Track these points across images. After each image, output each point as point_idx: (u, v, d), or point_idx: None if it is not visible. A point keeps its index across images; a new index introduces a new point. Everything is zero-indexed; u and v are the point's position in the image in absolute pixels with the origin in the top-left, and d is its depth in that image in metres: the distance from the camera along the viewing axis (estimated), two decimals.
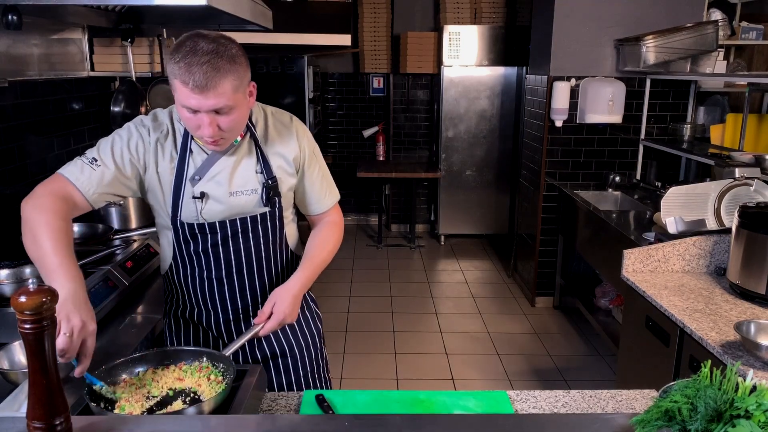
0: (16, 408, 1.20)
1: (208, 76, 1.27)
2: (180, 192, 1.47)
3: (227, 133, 1.38)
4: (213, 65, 1.27)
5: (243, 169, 1.49)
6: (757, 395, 0.94)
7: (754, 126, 3.90)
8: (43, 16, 2.39)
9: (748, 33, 4.35)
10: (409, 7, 6.12)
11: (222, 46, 1.30)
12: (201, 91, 1.28)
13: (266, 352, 1.66)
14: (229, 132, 1.38)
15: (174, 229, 1.52)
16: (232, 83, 1.31)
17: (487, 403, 1.36)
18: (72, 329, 1.18)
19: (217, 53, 1.28)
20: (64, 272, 1.26)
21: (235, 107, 1.34)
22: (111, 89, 2.95)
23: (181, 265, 1.57)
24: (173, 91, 1.32)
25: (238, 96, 1.34)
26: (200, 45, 1.28)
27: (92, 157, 1.43)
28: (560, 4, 4.01)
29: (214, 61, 1.27)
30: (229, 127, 1.36)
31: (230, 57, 1.30)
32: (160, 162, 1.47)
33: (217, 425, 1.10)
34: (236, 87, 1.32)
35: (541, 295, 4.53)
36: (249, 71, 1.38)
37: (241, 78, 1.34)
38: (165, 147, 1.47)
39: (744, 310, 2.05)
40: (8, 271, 1.68)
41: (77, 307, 1.21)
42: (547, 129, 4.21)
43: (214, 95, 1.29)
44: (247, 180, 1.50)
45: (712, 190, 2.69)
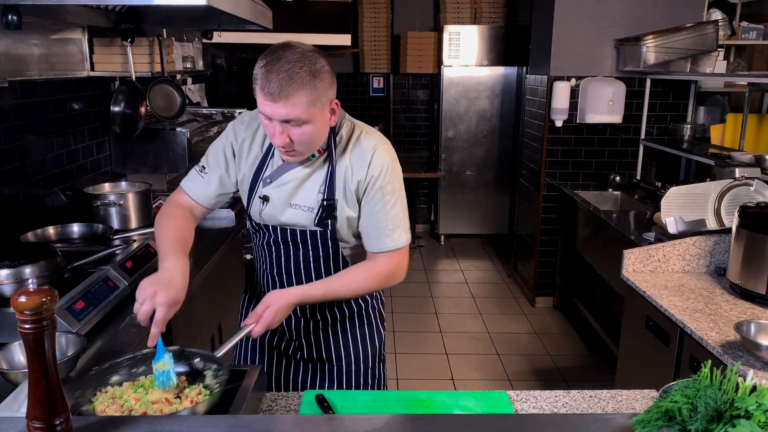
0: (16, 408, 1.20)
1: (282, 85, 1.27)
2: (254, 188, 1.54)
3: (299, 146, 1.38)
4: (290, 75, 1.27)
5: (310, 184, 1.49)
6: (757, 395, 0.94)
7: (754, 126, 3.90)
8: (43, 16, 2.39)
9: (748, 33, 4.35)
10: (409, 7, 6.13)
11: (306, 59, 1.30)
12: (273, 99, 1.28)
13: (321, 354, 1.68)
14: (301, 145, 1.38)
15: (248, 218, 1.63)
16: (308, 96, 1.29)
17: (487, 403, 1.36)
18: (144, 297, 1.31)
19: (298, 63, 1.28)
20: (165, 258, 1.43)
21: (309, 121, 1.33)
22: (111, 89, 2.95)
23: (257, 253, 1.67)
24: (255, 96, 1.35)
25: (314, 111, 1.32)
26: (285, 54, 1.29)
27: (202, 165, 1.59)
28: (560, 4, 4.01)
29: (292, 71, 1.27)
30: (301, 140, 1.36)
31: (312, 71, 1.29)
32: (246, 158, 1.55)
33: (216, 425, 1.10)
34: (312, 101, 1.31)
35: (541, 295, 4.53)
36: (333, 88, 1.37)
37: (320, 93, 1.32)
38: (253, 145, 1.54)
39: (744, 310, 2.05)
40: (8, 271, 1.68)
41: (157, 281, 1.35)
42: (547, 129, 4.21)
43: (286, 105, 1.29)
44: (308, 197, 1.49)
45: (712, 190, 2.69)
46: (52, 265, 1.74)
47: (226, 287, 2.68)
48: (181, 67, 3.44)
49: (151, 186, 2.58)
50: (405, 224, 1.53)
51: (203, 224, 2.85)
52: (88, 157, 2.79)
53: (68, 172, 2.60)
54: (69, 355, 1.44)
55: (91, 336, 1.65)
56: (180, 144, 3.06)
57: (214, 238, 2.56)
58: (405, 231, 1.53)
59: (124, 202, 2.38)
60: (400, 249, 1.52)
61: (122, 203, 2.37)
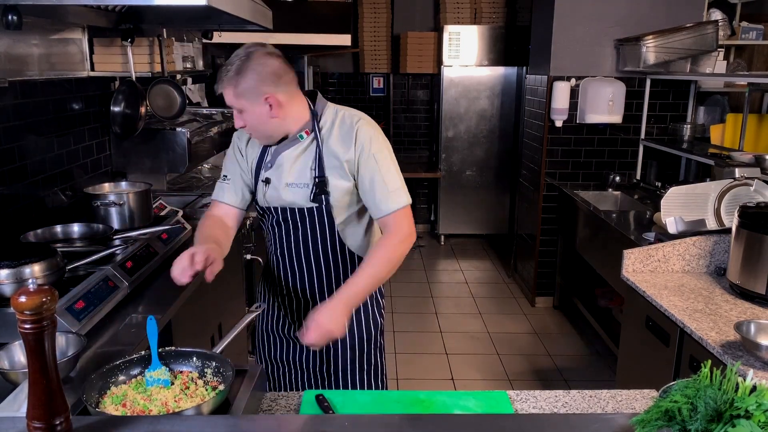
0: (16, 408, 1.20)
1: (220, 80, 1.57)
2: (258, 175, 1.75)
3: (252, 131, 1.65)
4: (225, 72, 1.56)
5: (301, 163, 1.67)
6: (757, 395, 0.94)
7: (754, 126, 3.90)
8: (43, 16, 2.39)
9: (748, 33, 4.34)
10: (409, 7, 6.13)
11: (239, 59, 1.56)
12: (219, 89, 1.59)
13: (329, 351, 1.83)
14: (252, 130, 1.65)
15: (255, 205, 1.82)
16: (233, 90, 1.57)
17: (487, 403, 1.36)
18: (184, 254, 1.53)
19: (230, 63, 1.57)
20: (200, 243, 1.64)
21: (243, 110, 1.60)
22: (111, 89, 2.95)
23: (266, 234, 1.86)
24: None
25: (242, 102, 1.58)
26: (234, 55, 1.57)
27: (224, 175, 1.81)
28: (560, 4, 4.01)
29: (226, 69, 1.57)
30: (246, 125, 1.63)
31: (236, 69, 1.55)
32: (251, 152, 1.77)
33: (216, 425, 1.10)
34: (237, 94, 1.57)
35: (541, 295, 4.53)
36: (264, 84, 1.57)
37: (242, 88, 1.56)
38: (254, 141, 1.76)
39: (744, 310, 2.05)
40: (8, 271, 1.68)
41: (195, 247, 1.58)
42: (547, 129, 4.21)
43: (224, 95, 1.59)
44: (302, 174, 1.67)
45: (712, 190, 2.69)
46: (52, 265, 1.74)
47: (226, 287, 2.68)
48: (181, 67, 3.44)
49: (151, 186, 2.58)
50: (403, 185, 1.67)
51: None
52: (88, 157, 2.79)
53: (68, 172, 2.60)
54: (69, 355, 1.44)
55: (91, 336, 1.65)
56: (180, 144, 3.06)
57: None
58: (405, 191, 1.67)
59: (124, 202, 2.37)
60: (404, 207, 1.66)
61: (122, 203, 2.37)
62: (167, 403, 1.20)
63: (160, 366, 1.28)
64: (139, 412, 1.16)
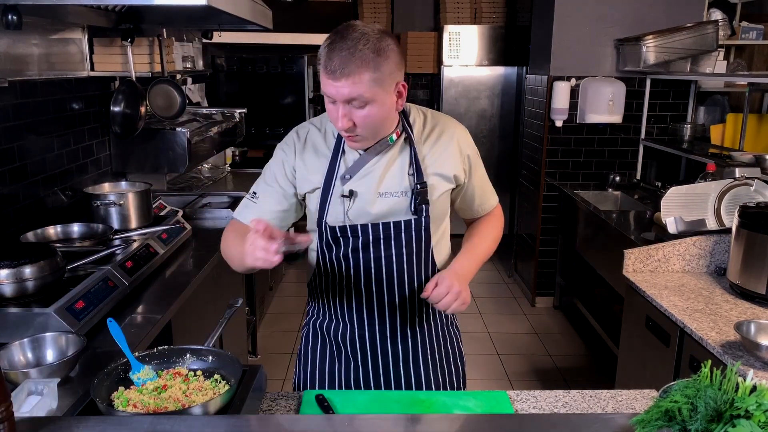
0: (16, 408, 1.20)
1: (344, 63, 1.23)
2: (329, 191, 1.43)
3: (362, 130, 1.33)
4: (352, 53, 1.23)
5: (396, 169, 1.43)
6: (757, 395, 0.94)
7: (754, 126, 3.90)
8: (43, 16, 2.39)
9: (748, 33, 4.34)
10: (409, 7, 6.13)
11: (370, 37, 1.26)
12: (335, 78, 1.25)
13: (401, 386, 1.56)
14: (365, 129, 1.33)
15: (319, 232, 1.48)
16: (371, 74, 1.25)
17: (487, 403, 1.36)
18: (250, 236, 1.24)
19: (361, 41, 1.24)
20: None
21: (372, 101, 1.28)
22: (111, 89, 2.95)
23: (323, 271, 1.52)
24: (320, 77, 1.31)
25: (377, 91, 1.27)
26: (349, 33, 1.26)
27: (253, 192, 1.51)
28: (560, 4, 4.00)
29: (355, 48, 1.24)
30: (364, 123, 1.31)
31: (376, 48, 1.25)
32: (310, 168, 1.45)
33: (216, 425, 1.10)
34: (376, 80, 1.26)
35: (541, 295, 4.53)
36: (399, 69, 1.32)
37: (384, 72, 1.27)
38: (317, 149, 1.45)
39: (744, 310, 2.05)
40: (8, 271, 1.68)
41: None
42: (547, 129, 4.21)
43: (347, 83, 1.24)
44: (399, 181, 1.43)
45: (712, 190, 2.68)
46: (52, 265, 1.74)
47: (226, 287, 2.68)
48: (181, 67, 3.44)
49: (151, 186, 2.58)
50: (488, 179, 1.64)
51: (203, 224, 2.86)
52: (88, 157, 2.79)
53: (68, 172, 2.60)
54: (69, 356, 1.45)
55: (91, 336, 1.65)
56: (180, 144, 3.06)
57: (214, 238, 2.56)
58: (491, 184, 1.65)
59: (124, 202, 2.37)
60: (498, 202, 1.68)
61: (122, 203, 2.37)
62: (179, 399, 1.20)
63: (142, 366, 1.27)
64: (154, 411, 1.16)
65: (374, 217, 1.43)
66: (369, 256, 1.46)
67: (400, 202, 1.43)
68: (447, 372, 1.61)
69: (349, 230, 1.44)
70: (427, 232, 1.47)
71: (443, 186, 1.47)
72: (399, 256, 1.46)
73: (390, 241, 1.45)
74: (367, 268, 1.47)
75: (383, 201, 1.42)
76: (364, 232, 1.44)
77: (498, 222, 1.66)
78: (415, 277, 1.49)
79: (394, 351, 1.54)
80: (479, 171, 1.57)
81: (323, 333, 1.58)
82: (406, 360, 1.54)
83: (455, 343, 1.66)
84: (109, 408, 1.14)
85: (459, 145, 1.49)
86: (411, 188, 1.43)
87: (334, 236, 1.45)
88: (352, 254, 1.46)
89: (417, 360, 1.55)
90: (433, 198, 1.45)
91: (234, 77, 5.06)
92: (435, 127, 1.49)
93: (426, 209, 1.44)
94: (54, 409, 1.26)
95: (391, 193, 1.42)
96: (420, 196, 1.43)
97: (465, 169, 1.51)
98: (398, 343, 1.53)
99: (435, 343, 1.59)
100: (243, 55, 5.01)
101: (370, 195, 1.42)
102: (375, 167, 1.42)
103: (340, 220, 1.44)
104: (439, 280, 1.38)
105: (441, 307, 1.37)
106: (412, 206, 1.43)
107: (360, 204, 1.42)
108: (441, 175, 1.46)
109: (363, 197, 1.42)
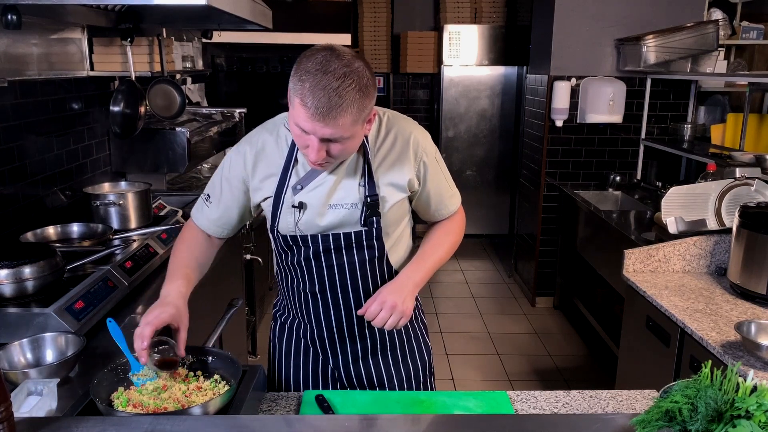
0: (16, 408, 1.20)
1: (331, 105, 1.16)
2: (280, 200, 1.42)
3: (336, 159, 1.31)
4: (339, 94, 1.16)
5: (347, 180, 1.40)
6: (757, 395, 0.94)
7: (755, 126, 3.90)
8: (42, 16, 2.38)
9: (749, 33, 4.34)
10: (409, 6, 6.12)
11: (355, 73, 1.18)
12: (319, 119, 1.18)
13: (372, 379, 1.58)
14: (337, 158, 1.30)
15: (273, 239, 1.49)
16: (354, 116, 1.20)
17: (487, 403, 1.36)
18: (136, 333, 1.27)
19: (347, 79, 1.17)
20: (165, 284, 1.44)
21: (351, 138, 1.25)
22: (110, 89, 2.95)
23: (283, 274, 1.54)
24: (289, 103, 1.24)
25: (357, 128, 1.24)
26: (332, 66, 1.17)
27: (207, 194, 1.51)
28: (560, 4, 4.00)
29: (342, 89, 1.17)
30: (339, 154, 1.28)
31: (360, 87, 1.19)
32: (262, 174, 1.43)
33: (216, 425, 1.10)
34: (357, 120, 1.22)
35: (541, 295, 4.53)
36: (374, 99, 1.27)
37: (366, 109, 1.23)
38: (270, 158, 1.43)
39: (744, 310, 2.05)
40: (8, 271, 1.68)
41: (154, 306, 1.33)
42: (548, 129, 4.21)
43: (331, 126, 1.19)
44: (349, 193, 1.40)
45: (712, 190, 2.68)
46: (51, 265, 1.74)
47: (226, 287, 2.68)
48: (180, 67, 3.44)
49: (151, 186, 2.58)
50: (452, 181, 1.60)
51: None
52: (87, 157, 2.79)
53: (68, 172, 2.60)
54: (69, 356, 1.44)
55: (91, 336, 1.65)
56: (180, 144, 3.06)
57: None
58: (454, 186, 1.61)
59: (123, 202, 2.37)
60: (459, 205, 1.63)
61: (122, 203, 2.37)
62: (179, 399, 1.20)
63: (142, 366, 1.27)
64: (154, 411, 1.16)
65: (324, 228, 1.42)
66: (321, 264, 1.45)
67: (351, 213, 1.41)
68: (413, 367, 1.61)
69: (299, 240, 1.44)
70: (379, 241, 1.45)
71: (396, 196, 1.44)
72: (351, 264, 1.45)
73: (341, 251, 1.44)
74: (320, 276, 1.46)
75: (333, 212, 1.41)
76: (314, 243, 1.43)
77: (456, 226, 1.61)
78: (370, 282, 1.48)
79: (353, 349, 1.55)
80: (436, 176, 1.51)
81: (289, 329, 1.60)
82: (365, 357, 1.56)
83: (420, 338, 1.65)
84: (108, 408, 1.14)
85: (414, 151, 1.44)
86: (362, 200, 1.40)
87: (286, 244, 1.46)
88: (304, 262, 1.46)
89: (377, 356, 1.57)
90: (385, 210, 1.43)
91: (234, 77, 5.06)
92: (389, 133, 1.44)
93: (377, 221, 1.42)
94: (54, 409, 1.26)
95: (341, 204, 1.40)
96: (370, 208, 1.40)
97: (419, 175, 1.47)
98: (357, 342, 1.54)
99: (398, 340, 1.59)
100: (243, 55, 5.01)
101: (320, 206, 1.40)
102: (327, 179, 1.40)
103: (290, 230, 1.43)
104: (374, 297, 1.39)
105: (377, 324, 1.38)
106: (361, 219, 1.41)
107: (310, 215, 1.41)
108: (394, 184, 1.43)
109: (313, 208, 1.40)
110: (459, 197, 1.62)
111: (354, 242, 1.43)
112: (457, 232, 1.61)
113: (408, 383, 1.60)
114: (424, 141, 1.47)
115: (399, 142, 1.43)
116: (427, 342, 1.67)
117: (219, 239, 1.56)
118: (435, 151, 1.51)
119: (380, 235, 1.44)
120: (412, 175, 1.44)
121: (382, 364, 1.58)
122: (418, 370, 1.62)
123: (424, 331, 1.68)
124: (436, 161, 1.50)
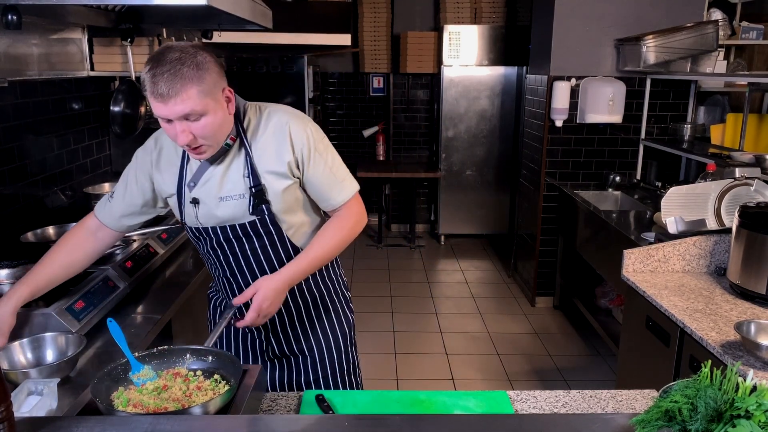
0: (16, 408, 1.20)
1: (169, 84, 1.30)
2: (181, 197, 1.55)
3: (205, 140, 1.40)
4: (174, 73, 1.30)
5: (233, 173, 1.51)
6: (757, 395, 0.94)
7: (755, 126, 3.90)
8: (42, 16, 2.39)
9: (749, 33, 4.34)
10: (409, 6, 6.12)
11: (186, 54, 1.33)
12: (165, 100, 1.31)
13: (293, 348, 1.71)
14: (206, 139, 1.39)
15: (186, 230, 1.63)
16: (197, 88, 1.32)
17: (487, 403, 1.36)
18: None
19: (180, 61, 1.31)
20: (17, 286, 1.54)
21: (206, 113, 1.36)
22: (111, 89, 2.95)
23: (205, 261, 1.69)
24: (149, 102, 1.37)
25: (207, 101, 1.35)
26: (166, 56, 1.32)
27: (112, 192, 1.65)
28: (560, 4, 4.01)
29: (176, 68, 1.30)
30: (204, 133, 1.38)
31: (195, 64, 1.32)
32: (164, 172, 1.57)
33: (216, 425, 1.10)
34: (203, 92, 1.33)
35: (541, 295, 4.53)
36: (221, 77, 1.40)
37: (208, 83, 1.35)
38: (169, 158, 1.57)
39: (744, 310, 2.05)
40: (8, 271, 1.68)
41: None
42: (547, 129, 4.21)
43: (178, 102, 1.31)
44: (236, 184, 1.50)
45: (712, 190, 2.68)
46: None
47: None
48: None
49: None
50: (348, 173, 1.62)
51: None
52: (88, 157, 2.79)
53: (68, 172, 2.60)
54: (69, 356, 1.45)
55: (91, 336, 1.65)
56: None
57: None
58: (351, 178, 1.62)
59: None
60: (354, 195, 1.61)
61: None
62: (179, 399, 1.20)
63: (142, 366, 1.27)
64: (154, 411, 1.16)
65: (220, 220, 1.53)
66: (226, 252, 1.58)
67: (241, 204, 1.51)
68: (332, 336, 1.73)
69: (203, 231, 1.57)
70: (276, 226, 1.54)
71: (281, 183, 1.51)
72: (253, 250, 1.57)
73: (241, 240, 1.55)
74: (228, 262, 1.60)
75: (225, 205, 1.51)
76: (215, 234, 1.56)
77: (346, 222, 1.60)
78: (275, 262, 1.58)
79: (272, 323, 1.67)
80: (319, 165, 1.54)
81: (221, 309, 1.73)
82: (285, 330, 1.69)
83: (339, 310, 1.76)
84: (109, 408, 1.14)
85: (291, 138, 1.51)
86: (248, 190, 1.50)
87: (194, 235, 1.60)
88: (212, 251, 1.60)
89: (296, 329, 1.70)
90: (273, 197, 1.51)
91: (234, 77, 5.06)
92: (269, 124, 1.52)
93: (267, 208, 1.51)
94: (54, 409, 1.26)
95: (231, 196, 1.50)
96: (257, 197, 1.50)
97: (298, 161, 1.52)
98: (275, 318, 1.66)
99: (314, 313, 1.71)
100: (243, 55, 5.01)
101: (213, 200, 1.51)
102: (214, 173, 1.51)
103: (194, 223, 1.56)
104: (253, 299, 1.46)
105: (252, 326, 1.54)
106: (250, 208, 1.50)
107: (205, 209, 1.53)
108: (275, 172, 1.50)
109: (206, 203, 1.52)
110: (352, 187, 1.61)
111: (250, 231, 1.54)
112: (349, 227, 1.60)
113: (329, 352, 1.72)
114: (301, 129, 1.53)
115: (277, 132, 1.51)
116: (347, 313, 1.79)
117: (116, 234, 1.68)
118: (317, 139, 1.55)
119: (274, 221, 1.53)
120: (291, 162, 1.51)
121: (302, 336, 1.70)
122: (338, 340, 1.74)
123: (344, 303, 1.78)
124: (316, 150, 1.54)
